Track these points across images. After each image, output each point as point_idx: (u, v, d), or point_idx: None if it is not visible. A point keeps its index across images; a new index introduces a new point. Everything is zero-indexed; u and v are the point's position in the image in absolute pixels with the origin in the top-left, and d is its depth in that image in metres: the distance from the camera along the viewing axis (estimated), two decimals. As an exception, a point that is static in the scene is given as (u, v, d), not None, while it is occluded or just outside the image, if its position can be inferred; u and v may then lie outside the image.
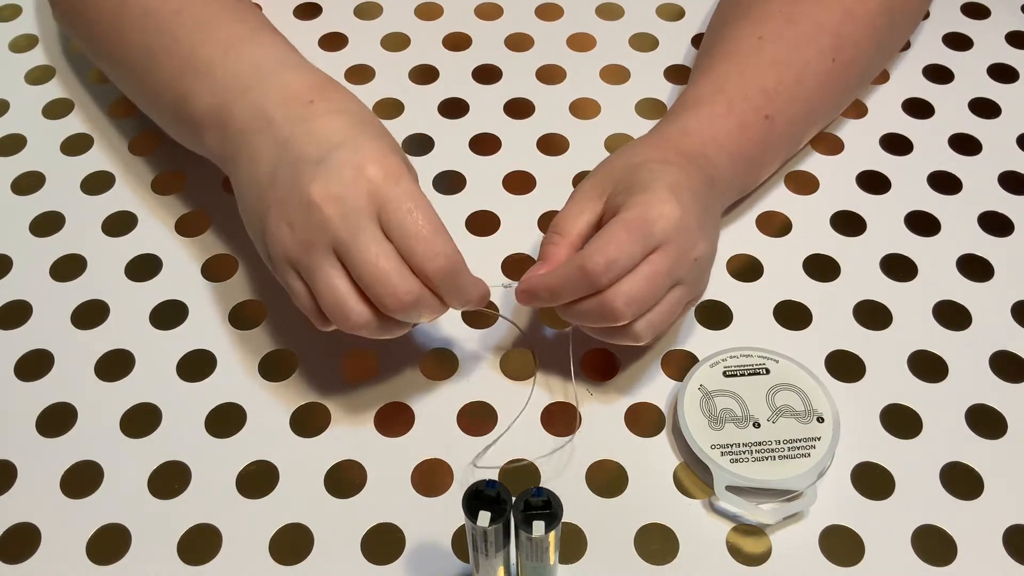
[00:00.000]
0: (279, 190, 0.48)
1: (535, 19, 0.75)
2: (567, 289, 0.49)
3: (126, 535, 0.50)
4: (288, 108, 0.51)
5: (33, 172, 0.66)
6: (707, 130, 0.56)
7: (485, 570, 0.43)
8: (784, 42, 0.60)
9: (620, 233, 0.48)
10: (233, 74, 0.53)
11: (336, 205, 0.46)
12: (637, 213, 0.48)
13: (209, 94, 0.53)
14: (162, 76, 0.56)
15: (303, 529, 0.50)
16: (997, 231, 0.62)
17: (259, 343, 0.57)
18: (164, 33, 0.56)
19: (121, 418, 0.54)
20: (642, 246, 0.48)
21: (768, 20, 0.61)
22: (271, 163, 0.49)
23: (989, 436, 0.53)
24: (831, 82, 0.61)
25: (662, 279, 0.48)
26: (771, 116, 0.58)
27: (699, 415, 0.52)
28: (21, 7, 0.77)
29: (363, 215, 0.46)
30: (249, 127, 0.51)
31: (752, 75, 0.58)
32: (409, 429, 0.54)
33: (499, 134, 0.67)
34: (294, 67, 0.54)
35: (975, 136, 0.67)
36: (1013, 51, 0.73)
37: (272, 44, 0.55)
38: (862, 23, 0.61)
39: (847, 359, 0.56)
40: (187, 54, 0.55)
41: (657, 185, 0.50)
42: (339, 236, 0.46)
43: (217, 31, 0.55)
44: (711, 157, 0.55)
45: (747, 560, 0.49)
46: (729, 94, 0.57)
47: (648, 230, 0.48)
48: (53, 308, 0.59)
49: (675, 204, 0.49)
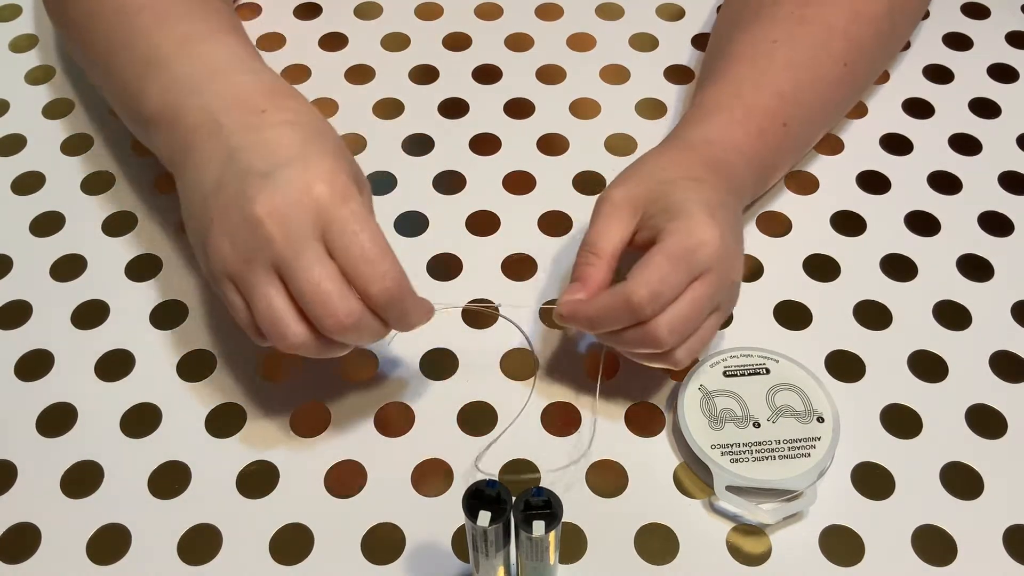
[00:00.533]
0: (223, 200, 0.47)
1: (535, 19, 0.75)
2: (609, 320, 0.48)
3: (126, 535, 0.50)
4: (239, 115, 0.49)
5: (33, 172, 0.66)
6: (728, 138, 0.56)
7: (485, 570, 0.43)
8: (797, 44, 0.59)
9: (664, 264, 0.47)
10: (187, 73, 0.52)
11: (280, 223, 0.45)
12: (679, 242, 0.48)
13: (161, 91, 0.52)
14: (121, 72, 0.55)
15: (303, 529, 0.50)
16: (997, 231, 0.62)
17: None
18: (126, 29, 0.55)
19: (121, 418, 0.54)
20: (686, 275, 0.48)
21: (780, 22, 0.60)
22: (218, 171, 0.48)
23: (989, 436, 0.53)
24: (843, 86, 0.62)
25: (705, 305, 0.49)
26: (787, 122, 0.58)
27: (699, 415, 0.52)
28: (21, 7, 0.77)
29: (307, 234, 0.45)
30: (198, 130, 0.50)
31: (768, 79, 0.58)
32: (409, 429, 0.54)
33: (499, 134, 0.67)
34: (249, 70, 0.52)
35: (975, 136, 0.67)
36: (1013, 51, 0.73)
37: (230, 45, 0.54)
38: (868, 25, 0.61)
39: (847, 359, 0.56)
40: (143, 50, 0.54)
41: (695, 209, 0.49)
42: (281, 254, 0.45)
43: (176, 28, 0.54)
44: (733, 165, 0.55)
45: (747, 560, 0.49)
46: (746, 99, 0.57)
47: (691, 259, 0.48)
48: (53, 308, 0.59)
49: (715, 230, 0.48)
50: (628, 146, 0.66)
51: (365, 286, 0.45)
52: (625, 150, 0.66)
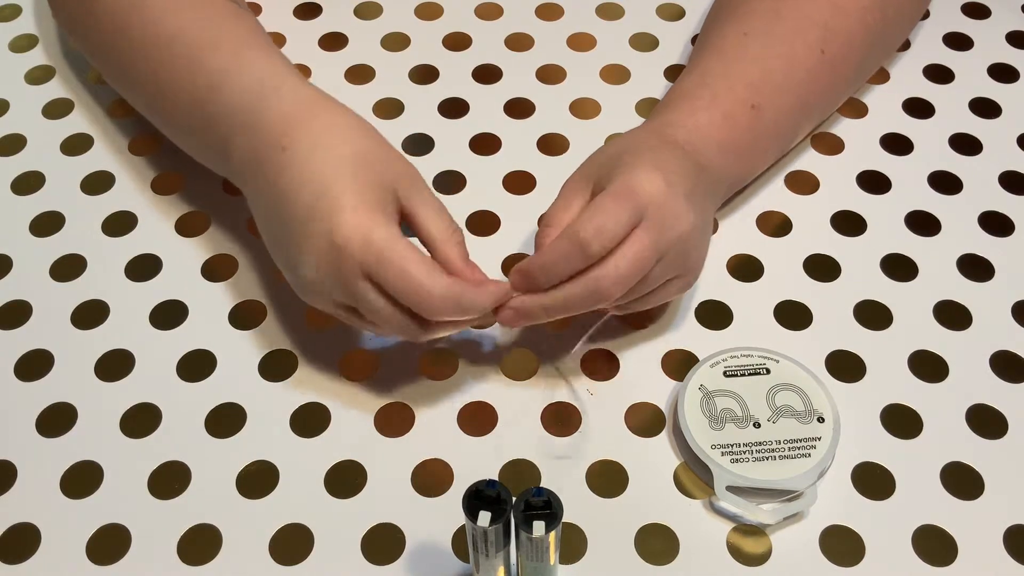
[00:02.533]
0: (283, 242, 0.51)
1: (535, 19, 0.75)
2: (559, 263, 0.49)
3: (126, 535, 0.50)
4: (268, 156, 0.52)
5: (33, 172, 0.66)
6: (690, 120, 0.56)
7: (485, 570, 0.43)
8: (770, 37, 0.60)
9: (607, 201, 0.49)
10: (224, 113, 0.55)
11: (328, 278, 0.49)
12: (621, 182, 0.50)
13: (211, 129, 0.55)
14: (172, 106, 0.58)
15: (303, 529, 0.50)
16: (997, 231, 0.62)
17: (259, 343, 0.57)
18: (162, 64, 0.57)
19: (121, 418, 0.54)
20: (628, 212, 0.49)
21: (754, 16, 0.61)
22: (269, 211, 0.52)
23: (989, 436, 0.53)
24: (822, 74, 0.61)
25: (647, 252, 0.49)
26: (758, 106, 0.58)
27: (699, 415, 0.52)
28: (21, 7, 0.77)
29: (352, 282, 0.48)
30: (244, 168, 0.54)
31: (737, 69, 0.59)
32: (409, 429, 0.54)
33: (499, 134, 0.67)
34: (272, 97, 0.53)
35: (975, 136, 0.67)
36: (1013, 51, 0.73)
37: (251, 74, 0.55)
38: (852, 18, 0.61)
39: (847, 359, 0.56)
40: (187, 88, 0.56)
41: (640, 161, 0.51)
42: (344, 299, 0.50)
43: (203, 68, 0.56)
44: (697, 145, 0.55)
45: (747, 560, 0.49)
46: (712, 87, 0.58)
47: (633, 198, 0.49)
48: (53, 308, 0.59)
49: (659, 177, 0.50)
50: (628, 146, 0.66)
51: (422, 313, 0.48)
52: (625, 150, 0.66)
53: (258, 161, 0.52)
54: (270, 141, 0.52)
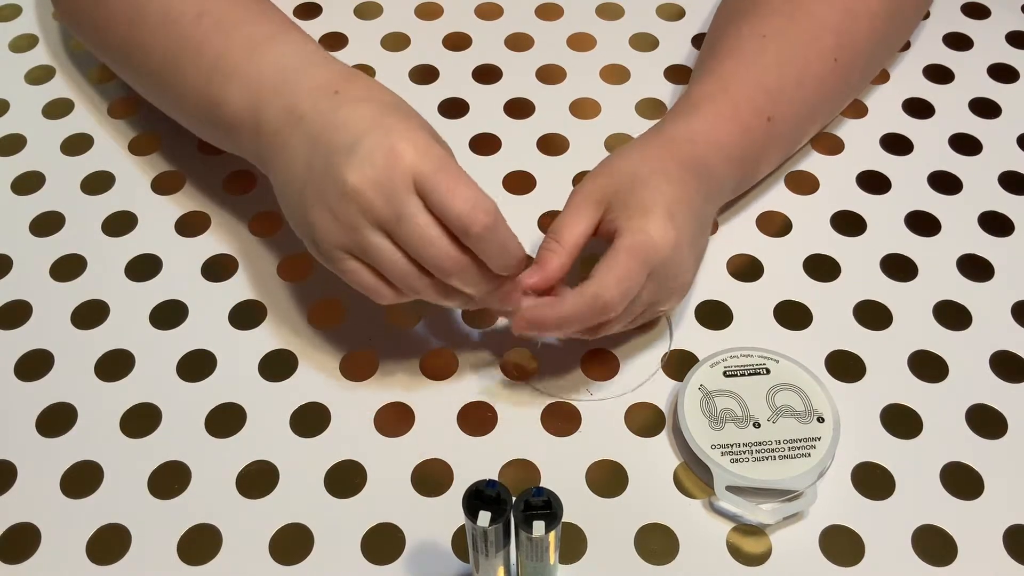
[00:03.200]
0: (317, 183, 0.49)
1: (535, 19, 0.75)
2: (579, 320, 0.50)
3: (126, 535, 0.50)
4: (315, 102, 0.51)
5: (33, 172, 0.66)
6: (711, 134, 0.56)
7: (485, 570, 0.43)
8: (787, 40, 0.60)
9: (629, 262, 0.49)
10: (260, 77, 0.54)
11: (375, 188, 0.47)
12: (636, 241, 0.50)
13: (238, 98, 0.54)
14: (188, 82, 0.57)
15: (303, 529, 0.50)
16: (997, 231, 0.62)
17: (260, 343, 0.57)
18: (188, 39, 0.57)
19: (121, 418, 0.54)
20: (644, 274, 0.50)
21: (771, 17, 0.61)
22: (306, 158, 0.50)
23: (989, 436, 0.53)
24: (832, 83, 0.61)
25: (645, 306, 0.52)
26: (773, 118, 0.58)
27: (699, 415, 0.52)
28: (21, 7, 0.77)
29: (403, 191, 0.47)
30: (282, 128, 0.52)
31: (755, 74, 0.59)
32: (409, 429, 0.54)
33: (499, 134, 0.67)
34: (319, 64, 0.54)
35: (975, 136, 0.67)
36: (1013, 51, 0.73)
37: (295, 42, 0.56)
38: (863, 22, 0.62)
39: (847, 359, 0.56)
40: (212, 59, 0.55)
41: (656, 209, 0.51)
42: (383, 215, 0.47)
43: (239, 34, 0.56)
44: (712, 165, 0.55)
45: (747, 560, 0.49)
46: (733, 94, 0.58)
47: (649, 258, 0.50)
48: (53, 308, 0.59)
49: (672, 232, 0.50)
50: (628, 146, 0.66)
51: (458, 222, 0.47)
52: (625, 150, 0.66)
53: (300, 112, 0.51)
54: (321, 88, 0.52)
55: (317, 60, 0.54)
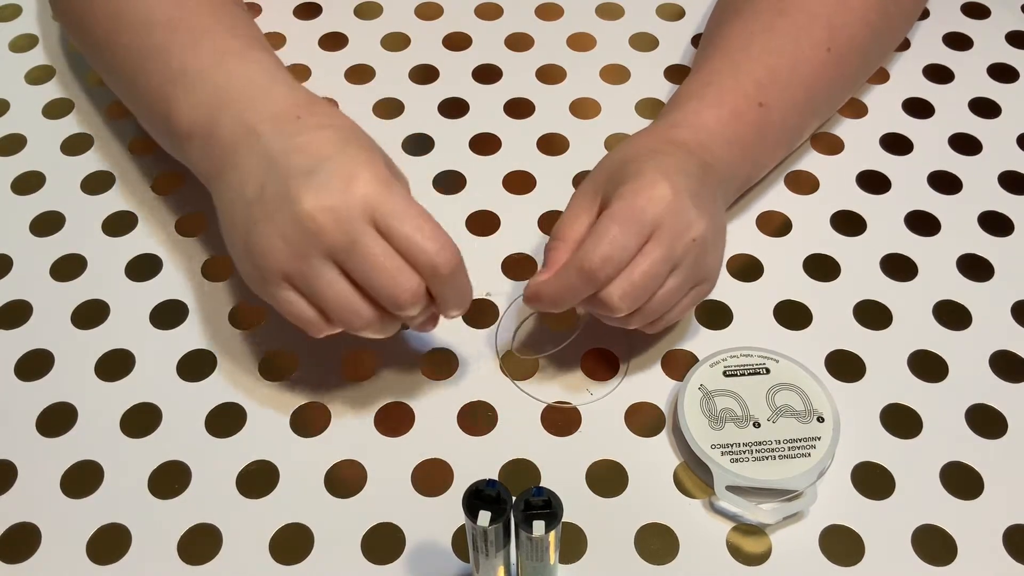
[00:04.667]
0: (268, 204, 0.48)
1: (535, 19, 0.75)
2: (570, 292, 0.49)
3: (126, 535, 0.50)
4: (276, 124, 0.50)
5: (33, 172, 0.66)
6: (697, 120, 0.56)
7: (485, 570, 0.43)
8: (775, 34, 0.60)
9: (611, 227, 0.48)
10: (222, 87, 0.53)
11: (330, 214, 0.46)
12: (626, 203, 0.49)
13: (196, 105, 0.53)
14: (152, 84, 0.56)
15: (303, 529, 0.50)
16: (997, 231, 0.62)
17: (259, 343, 0.57)
18: (157, 42, 0.56)
19: (121, 418, 0.54)
20: (635, 235, 0.48)
21: (759, 15, 0.61)
22: (259, 178, 0.49)
23: (989, 436, 0.53)
24: (827, 72, 0.61)
25: (658, 267, 0.49)
26: (765, 103, 0.58)
27: (699, 415, 0.52)
28: (21, 7, 0.77)
29: (358, 219, 0.46)
30: (236, 141, 0.51)
31: (743, 68, 0.59)
32: (409, 429, 0.54)
33: (499, 134, 0.67)
34: (282, 83, 0.53)
35: (975, 136, 0.67)
36: (1013, 51, 0.73)
37: (261, 60, 0.55)
38: (856, 14, 0.61)
39: (847, 359, 0.56)
40: (177, 64, 0.55)
41: (645, 170, 0.50)
42: (336, 242, 0.46)
43: (209, 43, 0.55)
44: (705, 143, 0.55)
45: (747, 560, 0.49)
46: (719, 86, 0.58)
47: (640, 218, 0.48)
48: (53, 308, 0.59)
49: (664, 185, 0.49)
50: (628, 146, 0.66)
51: (427, 260, 0.47)
52: (625, 150, 0.66)
53: (260, 131, 0.50)
54: (283, 112, 0.51)
55: (281, 81, 0.54)
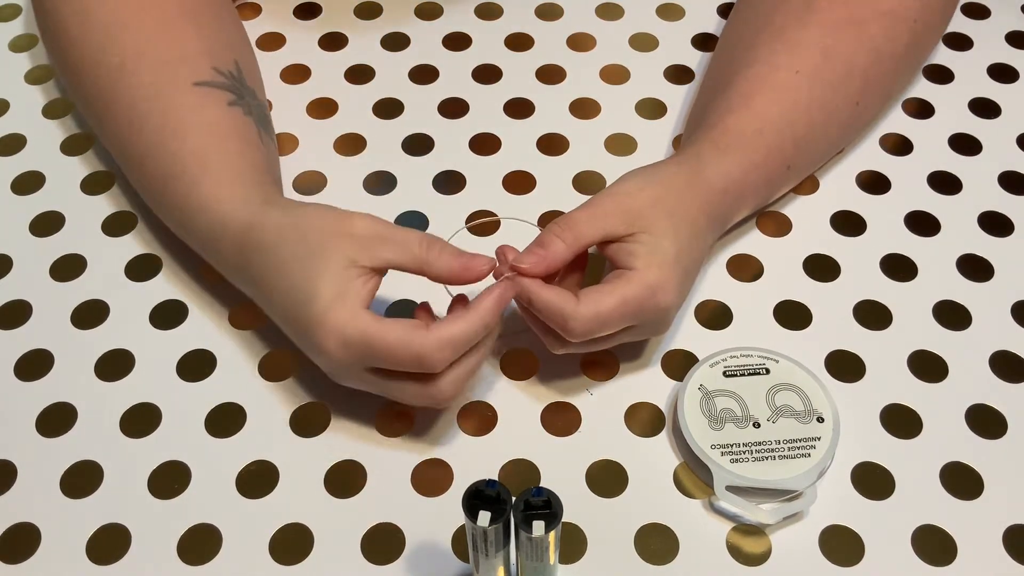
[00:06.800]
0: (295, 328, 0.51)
1: (535, 19, 0.75)
2: (542, 313, 0.50)
3: (126, 535, 0.50)
4: (237, 266, 0.53)
5: (33, 172, 0.66)
6: (741, 185, 0.56)
7: (485, 570, 0.43)
8: (818, 81, 0.59)
9: (614, 313, 0.49)
10: (204, 227, 0.54)
11: (327, 366, 0.50)
12: (637, 297, 0.49)
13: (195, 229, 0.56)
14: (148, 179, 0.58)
15: (303, 529, 0.50)
16: (997, 231, 0.62)
17: (259, 343, 0.57)
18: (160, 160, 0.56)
19: (121, 418, 0.54)
20: (626, 323, 0.50)
21: (805, 51, 0.59)
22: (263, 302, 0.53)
23: (989, 436, 0.53)
24: (849, 128, 0.63)
25: (620, 326, 0.51)
26: (792, 167, 0.59)
27: (699, 415, 0.52)
28: (21, 7, 0.77)
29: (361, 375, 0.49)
30: (234, 265, 0.54)
31: (789, 117, 0.58)
32: (409, 429, 0.54)
33: (499, 134, 0.67)
34: (227, 209, 0.53)
35: (975, 136, 0.67)
36: (1013, 51, 0.73)
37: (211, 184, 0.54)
38: (886, 65, 0.61)
39: (847, 359, 0.56)
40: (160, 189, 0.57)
41: (675, 270, 0.51)
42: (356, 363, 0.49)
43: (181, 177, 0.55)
44: (732, 216, 0.57)
45: (747, 560, 0.49)
46: (767, 139, 0.57)
47: (637, 313, 0.50)
48: (53, 308, 0.59)
49: (675, 298, 0.51)
50: (628, 146, 0.66)
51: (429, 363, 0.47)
52: (625, 150, 0.66)
53: (236, 267, 0.54)
54: (235, 249, 0.52)
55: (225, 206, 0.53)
